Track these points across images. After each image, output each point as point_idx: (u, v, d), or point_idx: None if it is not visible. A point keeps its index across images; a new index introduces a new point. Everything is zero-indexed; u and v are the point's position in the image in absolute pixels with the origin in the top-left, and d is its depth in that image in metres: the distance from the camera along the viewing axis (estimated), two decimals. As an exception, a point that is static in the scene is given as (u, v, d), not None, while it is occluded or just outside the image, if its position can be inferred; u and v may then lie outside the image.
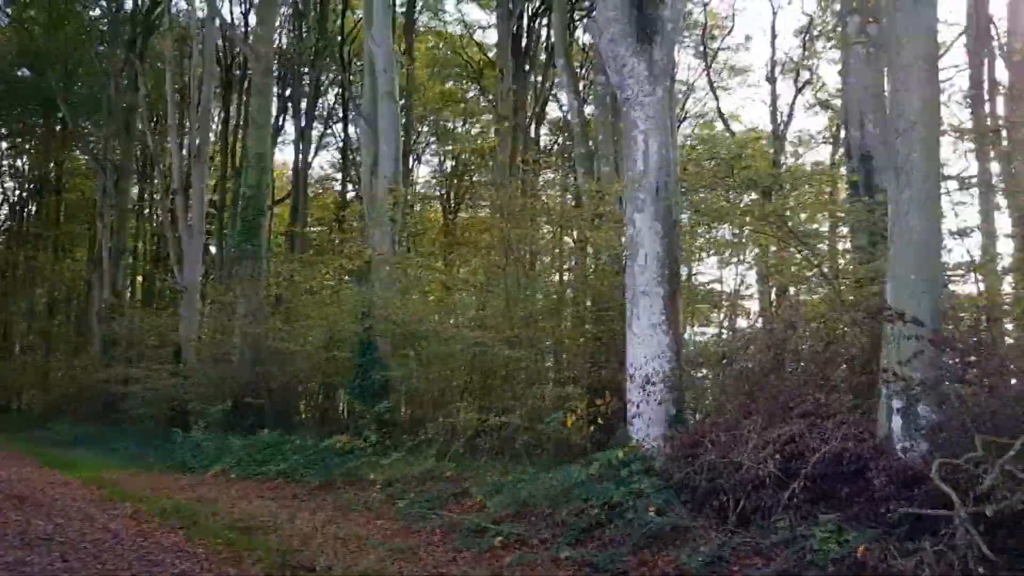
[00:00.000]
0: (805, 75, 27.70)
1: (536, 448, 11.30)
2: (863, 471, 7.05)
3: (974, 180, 14.97)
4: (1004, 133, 15.98)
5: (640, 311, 9.34)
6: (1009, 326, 11.69)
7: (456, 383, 14.05)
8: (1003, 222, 15.22)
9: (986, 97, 18.27)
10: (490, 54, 30.60)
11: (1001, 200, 14.99)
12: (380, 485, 11.12)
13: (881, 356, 7.51)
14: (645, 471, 8.40)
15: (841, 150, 26.47)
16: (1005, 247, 14.91)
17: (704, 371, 11.14)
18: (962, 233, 8.69)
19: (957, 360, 7.11)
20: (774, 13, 30.20)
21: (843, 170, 22.24)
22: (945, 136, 10.07)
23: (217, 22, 26.94)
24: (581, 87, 23.14)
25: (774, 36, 26.78)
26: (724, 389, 9.77)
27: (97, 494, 12.02)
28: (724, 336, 16.70)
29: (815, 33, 26.86)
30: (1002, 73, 19.98)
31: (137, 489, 12.44)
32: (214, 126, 32.53)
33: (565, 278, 17.34)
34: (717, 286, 19.58)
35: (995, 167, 15.68)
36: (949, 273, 9.22)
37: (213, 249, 32.93)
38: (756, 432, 7.83)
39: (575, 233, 16.34)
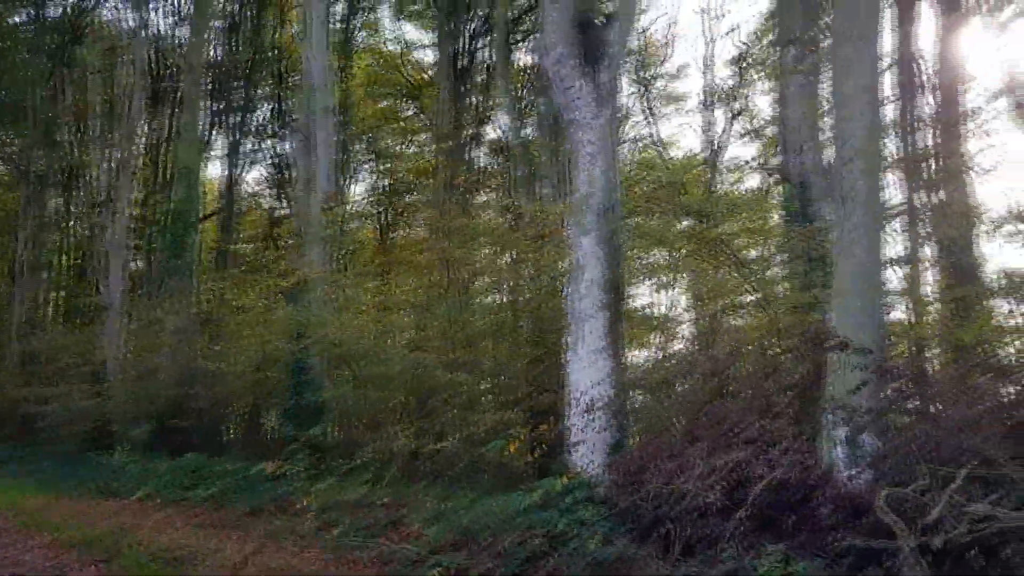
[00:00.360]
0: (738, 104, 28.20)
1: (475, 473, 11.08)
2: (808, 500, 7.02)
3: (901, 209, 15.40)
4: (931, 164, 16.47)
5: (583, 335, 9.23)
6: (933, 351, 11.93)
7: (393, 405, 13.75)
8: (926, 251, 15.66)
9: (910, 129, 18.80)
10: (428, 73, 30.42)
11: (927, 230, 15.38)
12: (313, 512, 10.73)
13: (825, 384, 7.52)
14: (588, 499, 8.27)
15: (773, 178, 27.03)
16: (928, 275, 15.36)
17: (645, 396, 11.06)
18: (903, 261, 8.81)
19: (903, 389, 7.15)
20: (710, 42, 30.66)
21: (776, 197, 22.70)
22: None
23: (147, 32, 26.23)
24: (520, 108, 23.09)
25: (709, 65, 27.21)
26: (667, 415, 9.71)
27: (11, 522, 11.40)
28: (660, 359, 16.75)
29: (748, 63, 27.39)
30: (926, 106, 20.64)
31: (54, 516, 11.82)
32: (142, 138, 31.61)
33: (504, 299, 17.20)
34: (651, 310, 19.78)
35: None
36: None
37: (139, 264, 31.92)
38: (700, 459, 7.76)
39: (512, 254, 16.23)
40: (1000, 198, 15.53)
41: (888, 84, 18.67)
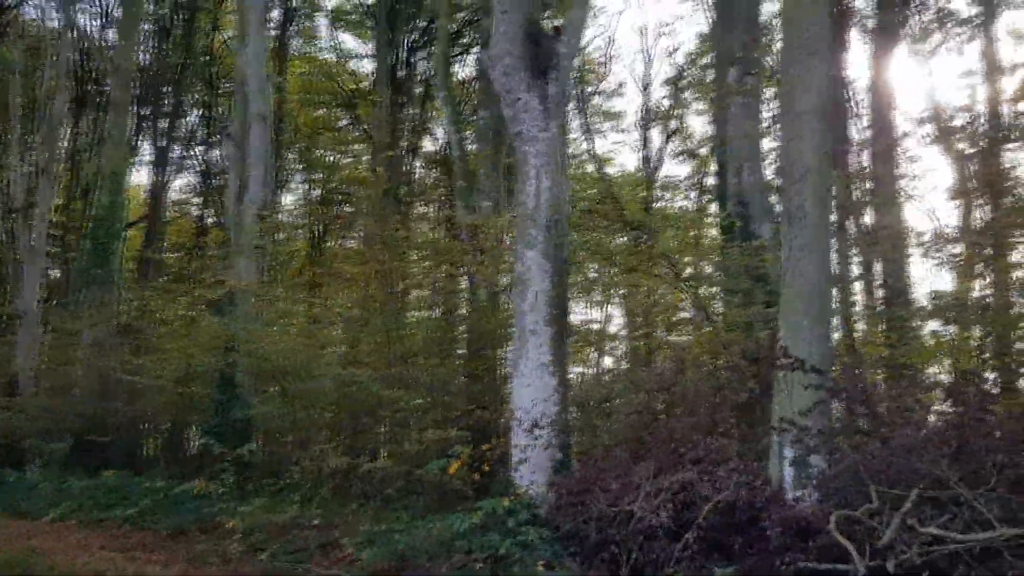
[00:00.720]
0: (673, 124, 28.52)
1: (411, 494, 10.73)
2: (756, 521, 6.92)
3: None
4: (863, 186, 16.78)
5: (528, 351, 9.01)
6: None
7: (324, 422, 13.32)
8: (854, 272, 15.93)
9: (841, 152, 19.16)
10: (364, 84, 30.03)
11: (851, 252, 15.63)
12: (240, 534, 10.24)
13: (773, 404, 7.45)
14: (531, 520, 8.02)
15: (707, 196, 27.37)
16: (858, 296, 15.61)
17: (587, 413, 10.88)
18: (848, 280, 8.83)
19: (853, 410, 7.11)
20: (648, 62, 31.03)
21: (710, 216, 22.92)
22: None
23: (73, 33, 25.29)
24: (459, 121, 22.87)
25: (647, 84, 27.44)
26: (612, 434, 9.56)
27: (-89, 546, 10.62)
28: (599, 375, 16.66)
29: (684, 83, 27.73)
30: (857, 131, 21.16)
31: (-40, 539, 11.07)
32: (63, 142, 30.45)
33: (440, 313, 16.93)
34: (587, 326, 19.75)
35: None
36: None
37: (56, 273, 30.70)
38: (646, 480, 7.61)
39: (446, 268, 15.98)
40: (926, 220, 15.99)
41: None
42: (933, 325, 11.75)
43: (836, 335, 12.69)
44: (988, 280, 12.62)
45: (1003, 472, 6.02)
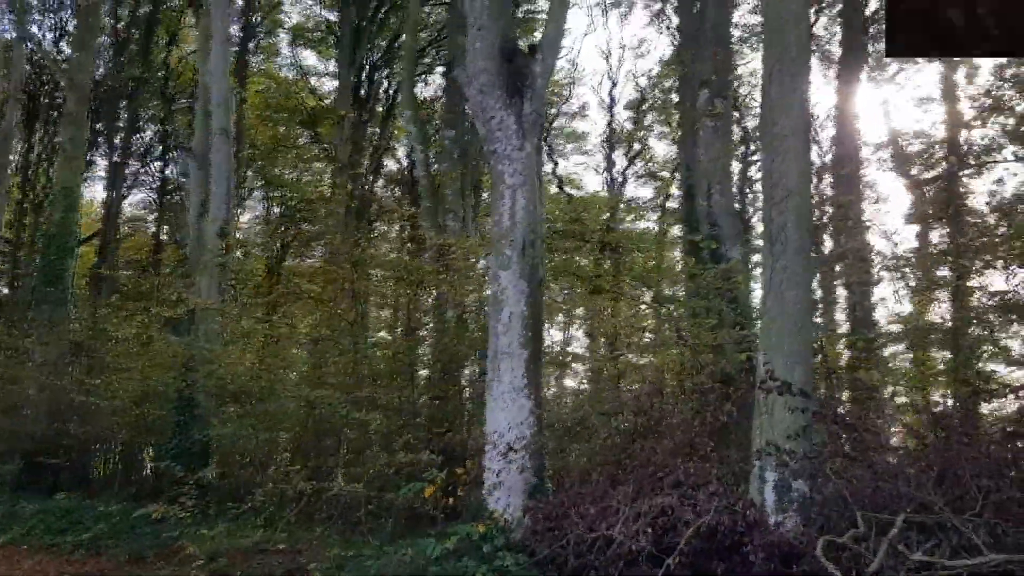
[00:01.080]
0: (636, 146, 28.70)
1: (378, 518, 10.49)
2: (738, 546, 6.83)
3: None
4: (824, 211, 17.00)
5: (502, 373, 8.87)
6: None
7: (288, 444, 13.01)
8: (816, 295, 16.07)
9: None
10: (326, 102, 29.78)
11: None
12: (201, 559, 9.90)
13: (754, 427, 7.39)
14: (507, 546, 7.86)
15: (668, 219, 27.52)
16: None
17: (562, 436, 10.72)
18: (822, 303, 8.83)
19: (838, 435, 7.08)
20: (612, 85, 31.17)
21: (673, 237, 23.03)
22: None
23: (27, 45, 24.74)
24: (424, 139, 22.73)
25: (612, 106, 27.56)
26: (587, 456, 9.43)
27: None
28: (555, 395, 16.52)
29: (646, 107, 27.95)
30: (818, 156, 21.51)
31: (-98, 568, 10.58)
32: (15, 156, 29.72)
33: (405, 333, 16.69)
34: (553, 347, 19.64)
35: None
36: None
37: (5, 290, 29.88)
38: (625, 504, 7.49)
39: (413, 288, 15.77)
40: (885, 245, 16.23)
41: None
42: (899, 348, 11.85)
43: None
44: (948, 304, 12.78)
45: (988, 497, 6.01)
